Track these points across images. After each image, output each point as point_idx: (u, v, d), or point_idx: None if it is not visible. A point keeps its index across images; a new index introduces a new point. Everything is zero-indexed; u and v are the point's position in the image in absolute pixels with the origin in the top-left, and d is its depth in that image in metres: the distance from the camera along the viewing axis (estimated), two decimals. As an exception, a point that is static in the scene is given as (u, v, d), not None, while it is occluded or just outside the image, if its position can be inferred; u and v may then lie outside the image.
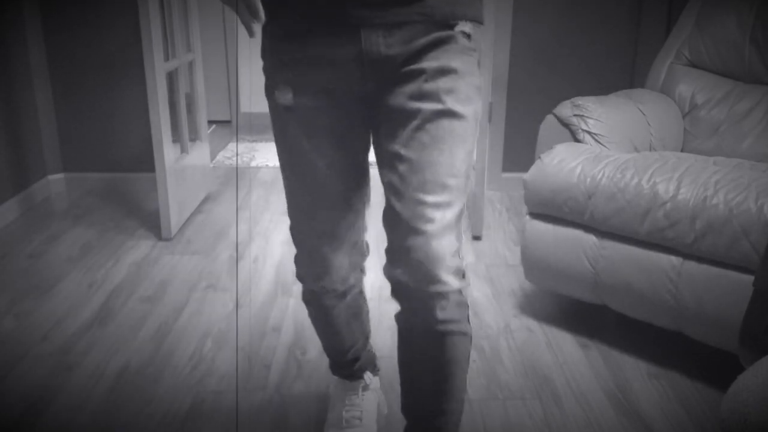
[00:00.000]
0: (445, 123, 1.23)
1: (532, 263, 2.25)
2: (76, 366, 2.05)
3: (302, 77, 1.28)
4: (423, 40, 1.22)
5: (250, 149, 4.55)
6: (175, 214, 3.01)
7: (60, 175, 3.63)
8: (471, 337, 1.32)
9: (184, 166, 3.15)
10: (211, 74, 5.05)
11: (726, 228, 1.79)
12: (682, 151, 2.56)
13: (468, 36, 1.27)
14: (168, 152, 2.91)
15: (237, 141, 3.81)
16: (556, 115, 2.34)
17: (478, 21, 1.29)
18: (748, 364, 1.27)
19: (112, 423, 1.80)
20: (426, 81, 1.22)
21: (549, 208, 2.16)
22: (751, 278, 1.72)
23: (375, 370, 1.76)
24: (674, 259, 1.91)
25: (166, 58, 3.04)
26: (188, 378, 1.99)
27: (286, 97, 1.30)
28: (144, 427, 1.78)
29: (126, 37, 3.45)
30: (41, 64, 3.46)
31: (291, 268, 2.71)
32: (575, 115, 2.29)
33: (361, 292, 1.59)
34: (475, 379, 1.99)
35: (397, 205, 1.23)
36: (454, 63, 1.23)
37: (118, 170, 3.65)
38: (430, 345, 1.28)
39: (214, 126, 5.14)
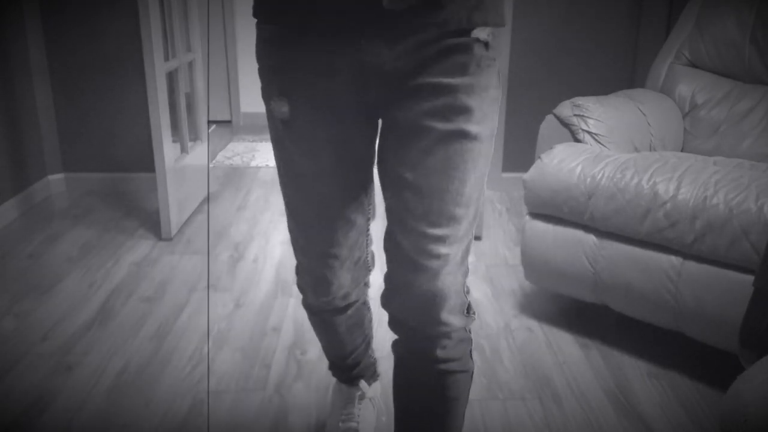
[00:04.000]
0: (457, 145, 1.11)
1: (532, 263, 2.25)
2: (76, 366, 2.05)
3: (297, 87, 1.16)
4: (433, 48, 1.09)
5: (250, 149, 4.55)
6: (175, 214, 3.01)
7: (60, 175, 3.62)
8: (473, 372, 1.25)
9: (184, 166, 3.15)
10: (211, 74, 5.05)
11: (726, 228, 1.79)
12: (682, 151, 2.56)
13: (486, 44, 1.12)
14: (168, 152, 2.91)
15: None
16: (556, 115, 2.34)
17: (499, 24, 1.14)
18: (748, 364, 1.27)
19: (112, 423, 1.80)
20: (438, 97, 1.10)
21: (549, 208, 2.16)
22: (751, 278, 1.71)
23: (374, 376, 1.72)
24: (674, 259, 1.91)
25: (166, 58, 3.04)
26: (188, 378, 1.99)
27: (282, 111, 1.19)
28: (144, 427, 1.78)
29: (126, 37, 3.45)
30: (41, 64, 3.46)
31: (291, 268, 2.71)
32: (575, 115, 2.29)
33: (365, 303, 1.52)
34: (475, 379, 1.99)
35: (400, 236, 1.15)
36: (469, 77, 1.10)
37: (118, 170, 3.65)
38: (430, 383, 1.23)
39: (214, 126, 5.14)
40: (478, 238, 3.02)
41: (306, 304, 1.47)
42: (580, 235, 2.11)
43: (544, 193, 2.15)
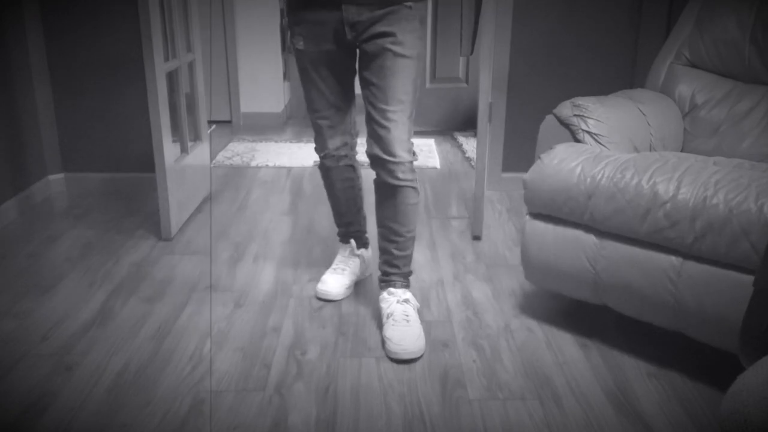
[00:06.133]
0: (398, 61, 2.06)
1: (532, 263, 2.25)
2: (76, 366, 2.05)
3: (308, 31, 2.15)
4: (381, 11, 2.05)
5: (250, 149, 4.55)
6: (175, 214, 3.01)
7: (60, 175, 3.63)
8: (418, 189, 2.19)
9: (184, 166, 3.15)
10: (211, 74, 5.05)
11: (726, 228, 1.79)
12: (682, 151, 2.56)
13: (410, 7, 2.07)
14: (168, 152, 2.91)
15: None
16: (556, 115, 2.34)
17: (419, 0, 2.09)
18: (748, 364, 1.27)
19: (112, 423, 1.80)
20: (385, 38, 2.06)
21: (549, 208, 2.16)
22: (751, 278, 1.72)
23: (363, 243, 2.56)
24: (674, 259, 1.91)
25: (166, 58, 3.04)
26: (188, 378, 1.99)
27: (300, 44, 2.18)
28: (144, 427, 1.78)
29: (126, 37, 3.45)
30: (41, 64, 3.46)
31: (291, 267, 2.72)
32: (575, 115, 2.29)
33: (353, 167, 2.41)
34: (475, 379, 1.99)
35: (372, 111, 2.11)
36: (401, 25, 2.06)
37: (118, 170, 3.65)
38: (394, 193, 2.16)
39: (214, 126, 5.14)
40: (477, 238, 3.02)
41: (320, 162, 2.39)
42: (580, 235, 2.11)
43: (544, 193, 2.16)
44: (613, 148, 2.27)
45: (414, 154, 2.16)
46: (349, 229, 2.52)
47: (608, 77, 3.49)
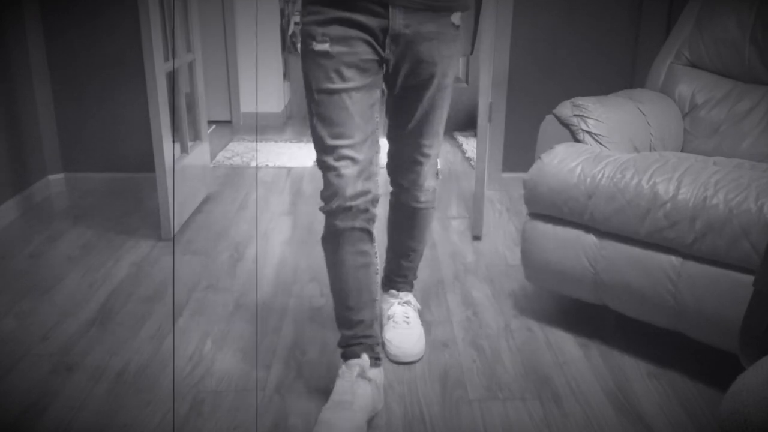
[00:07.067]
0: (440, 95, 1.86)
1: (532, 263, 2.25)
2: (76, 366, 2.05)
3: (338, 32, 1.67)
4: (428, 27, 1.74)
5: (250, 149, 4.55)
6: (175, 214, 3.01)
7: (60, 175, 3.63)
8: (435, 208, 2.11)
9: (184, 166, 3.15)
10: (211, 74, 5.06)
11: (726, 228, 1.79)
12: (682, 151, 2.56)
13: (457, 27, 1.82)
14: (168, 152, 2.91)
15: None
16: (556, 115, 2.34)
17: (466, 8, 1.85)
18: (748, 364, 1.27)
19: (112, 423, 1.80)
20: (429, 67, 1.79)
21: (549, 208, 2.16)
22: (751, 278, 1.71)
23: (375, 358, 1.85)
24: (674, 259, 1.91)
25: (166, 58, 3.04)
26: (188, 378, 1.99)
27: (323, 46, 1.68)
28: (144, 427, 1.78)
29: (126, 37, 3.45)
30: (41, 64, 3.46)
31: (291, 268, 2.71)
32: (575, 115, 2.29)
33: (370, 234, 1.78)
34: (475, 379, 1.99)
35: (403, 144, 1.94)
36: (447, 50, 1.81)
37: (118, 170, 3.66)
38: (414, 214, 2.07)
39: (214, 126, 5.15)
40: (477, 238, 3.02)
41: (326, 227, 1.77)
42: (580, 235, 2.11)
43: (544, 193, 2.15)
44: (613, 148, 2.27)
45: (438, 175, 2.06)
46: (358, 333, 1.82)
47: (608, 77, 3.49)
